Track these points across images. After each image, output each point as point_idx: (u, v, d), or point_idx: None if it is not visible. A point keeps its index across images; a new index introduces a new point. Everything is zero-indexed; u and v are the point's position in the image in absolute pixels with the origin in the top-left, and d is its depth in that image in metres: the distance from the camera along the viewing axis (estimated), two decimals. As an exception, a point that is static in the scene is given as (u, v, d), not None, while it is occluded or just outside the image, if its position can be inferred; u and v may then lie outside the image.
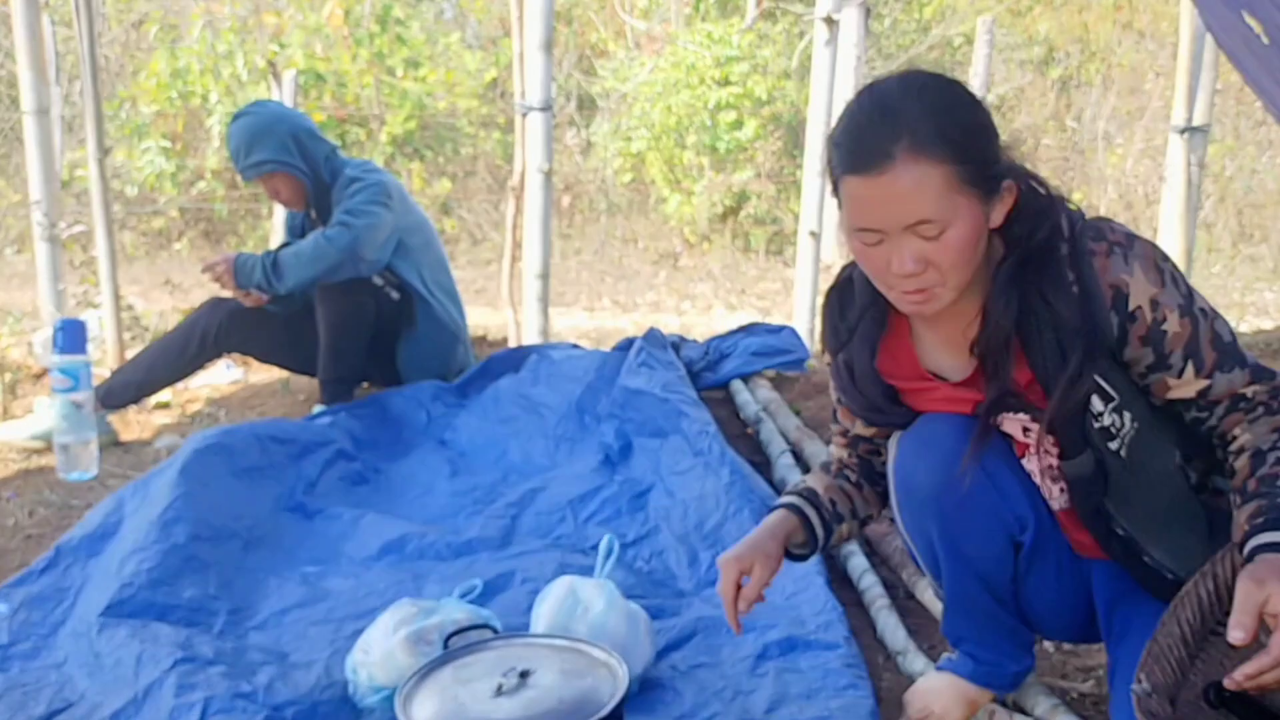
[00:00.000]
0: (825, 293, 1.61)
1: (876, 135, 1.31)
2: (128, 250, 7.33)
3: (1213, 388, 1.40)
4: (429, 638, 1.79)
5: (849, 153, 1.33)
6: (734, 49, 8.79)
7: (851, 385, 1.59)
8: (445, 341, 3.43)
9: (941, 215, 1.32)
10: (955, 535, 1.55)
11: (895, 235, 1.34)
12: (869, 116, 1.33)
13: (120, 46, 8.07)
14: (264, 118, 3.21)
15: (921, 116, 1.31)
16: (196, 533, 2.28)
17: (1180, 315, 1.37)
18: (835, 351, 1.60)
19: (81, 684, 1.87)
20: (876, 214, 1.33)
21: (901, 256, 1.35)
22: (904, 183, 1.30)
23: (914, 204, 1.31)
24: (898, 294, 1.40)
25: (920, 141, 1.30)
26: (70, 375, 2.94)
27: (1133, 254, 1.37)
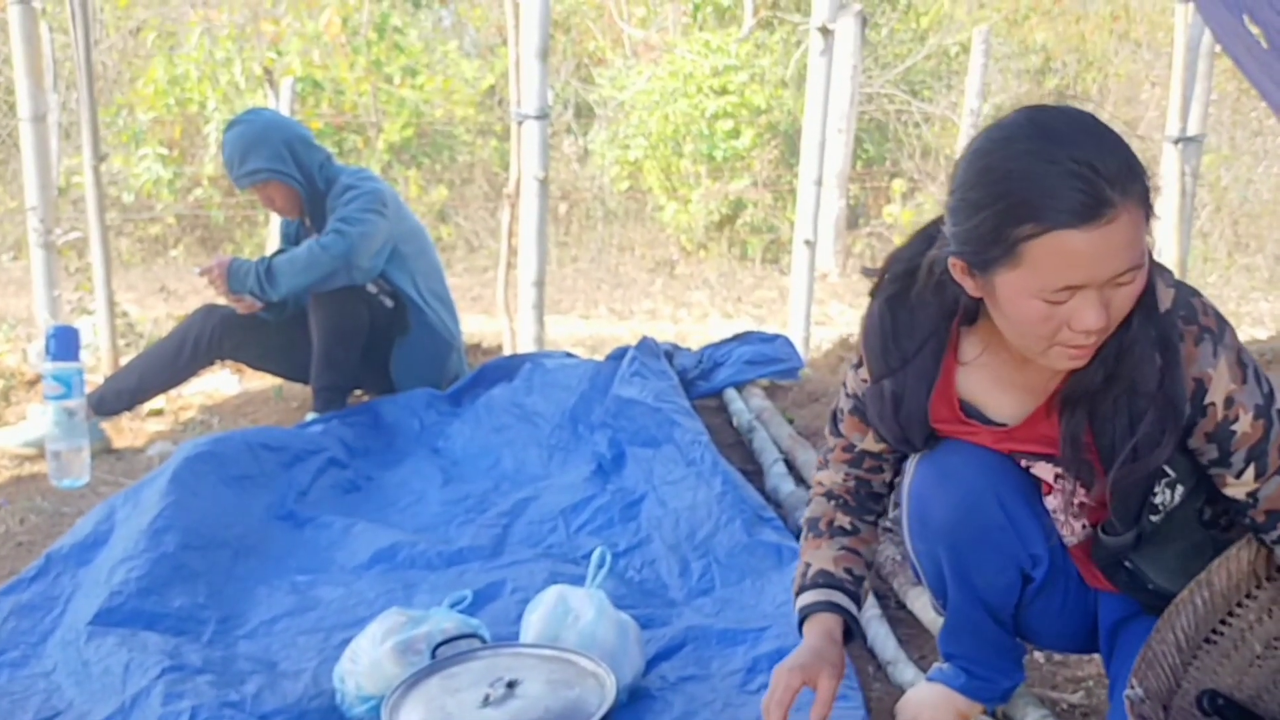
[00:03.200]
0: (878, 304, 1.47)
1: (1099, 175, 1.18)
2: (124, 257, 7.33)
3: (1261, 489, 1.37)
4: (417, 647, 1.78)
5: (1066, 201, 1.18)
6: (731, 58, 8.80)
7: (892, 417, 1.49)
8: (439, 349, 3.43)
9: (1144, 260, 1.24)
10: (966, 568, 1.54)
11: (1091, 290, 1.23)
12: (1079, 156, 1.19)
13: (118, 53, 8.08)
14: (258, 126, 3.21)
15: (1118, 153, 1.20)
16: (186, 541, 2.28)
17: (1255, 417, 1.33)
18: (882, 377, 1.48)
19: (69, 692, 1.86)
20: (1090, 268, 1.20)
21: (1095, 311, 1.23)
22: (1127, 230, 1.20)
23: (1130, 252, 1.21)
24: (1059, 350, 1.29)
25: (1132, 184, 1.20)
26: (63, 382, 2.94)
27: (1222, 345, 1.32)
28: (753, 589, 2.20)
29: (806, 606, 1.55)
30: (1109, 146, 1.21)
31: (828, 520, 1.62)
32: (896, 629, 2.04)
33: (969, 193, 1.27)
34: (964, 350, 1.46)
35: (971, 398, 1.48)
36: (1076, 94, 10.45)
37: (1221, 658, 1.35)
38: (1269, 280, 8.09)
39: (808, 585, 1.57)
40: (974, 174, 1.27)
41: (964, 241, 1.28)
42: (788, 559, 2.24)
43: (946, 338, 1.44)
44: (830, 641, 1.50)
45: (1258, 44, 2.02)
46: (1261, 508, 1.38)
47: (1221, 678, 1.35)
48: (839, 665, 1.47)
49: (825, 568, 1.57)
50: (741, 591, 2.21)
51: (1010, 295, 1.26)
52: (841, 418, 1.63)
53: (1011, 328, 1.31)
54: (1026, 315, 1.26)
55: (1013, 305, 1.27)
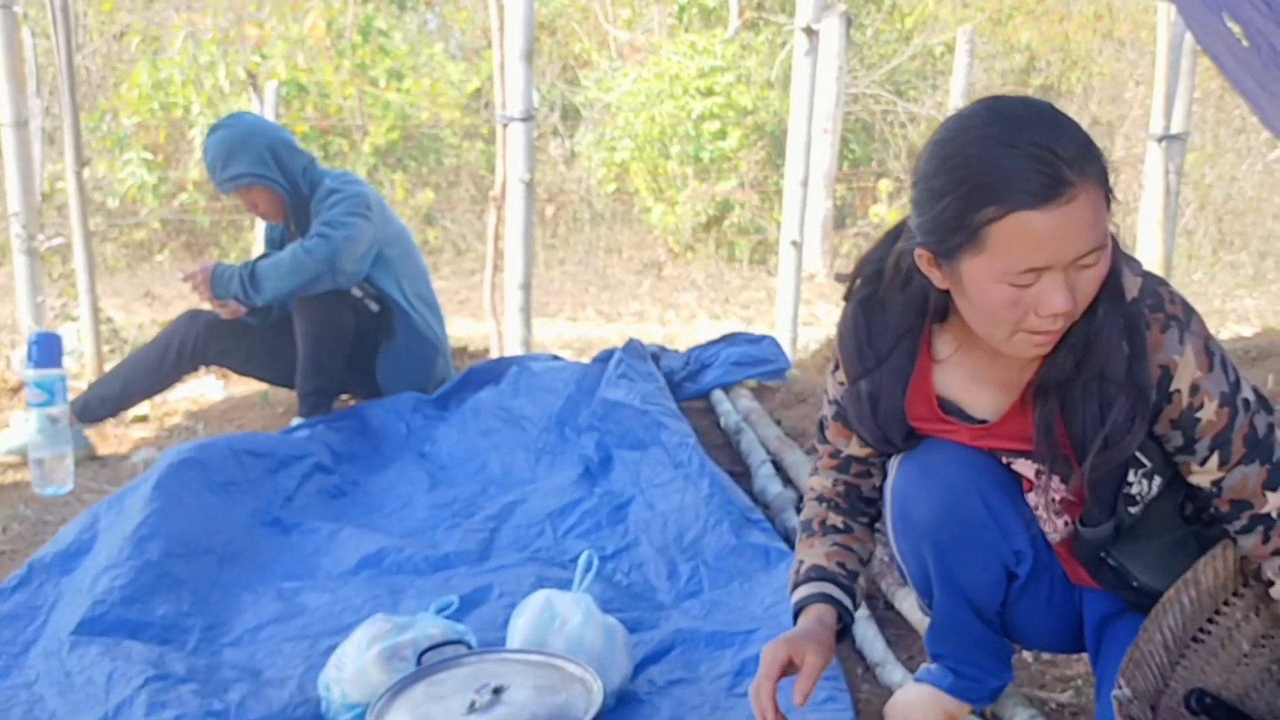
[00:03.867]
0: (851, 308, 1.49)
1: (1056, 157, 1.20)
2: (109, 262, 7.29)
3: (1225, 480, 1.36)
4: (403, 654, 1.77)
5: (1025, 183, 1.20)
6: (717, 59, 8.81)
7: (870, 417, 1.50)
8: (425, 353, 3.42)
9: (1106, 241, 1.25)
10: (951, 566, 1.54)
11: (1056, 272, 1.24)
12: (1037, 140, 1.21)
13: (102, 58, 8.04)
14: (240, 131, 3.20)
15: (1076, 137, 1.23)
16: (171, 549, 2.26)
17: (1220, 405, 1.33)
18: (858, 378, 1.48)
19: (52, 703, 1.85)
20: (1053, 249, 1.22)
21: (1061, 294, 1.24)
22: (1086, 210, 1.21)
23: (1092, 232, 1.23)
24: (1023, 337, 1.30)
25: (1092, 165, 1.22)
26: (45, 389, 2.92)
27: (1188, 332, 1.32)
28: (741, 591, 2.20)
29: (801, 600, 1.54)
30: (1065, 130, 1.23)
31: (820, 520, 1.62)
32: (885, 630, 2.04)
33: (931, 181, 1.28)
34: (938, 347, 1.47)
35: (949, 395, 1.48)
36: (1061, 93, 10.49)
37: (1209, 656, 1.35)
38: (1253, 277, 8.13)
39: (801, 580, 1.57)
40: (935, 162, 1.28)
41: (929, 231, 1.29)
42: (775, 561, 2.24)
43: (920, 335, 1.45)
44: (820, 625, 1.49)
45: (1238, 42, 2.02)
46: (1225, 497, 1.37)
47: (1209, 676, 1.35)
48: (827, 645, 1.47)
49: (818, 563, 1.57)
50: (729, 593, 2.20)
51: (976, 281, 1.27)
52: (826, 425, 1.64)
53: (978, 315, 1.32)
54: (993, 301, 1.27)
55: (979, 291, 1.28)
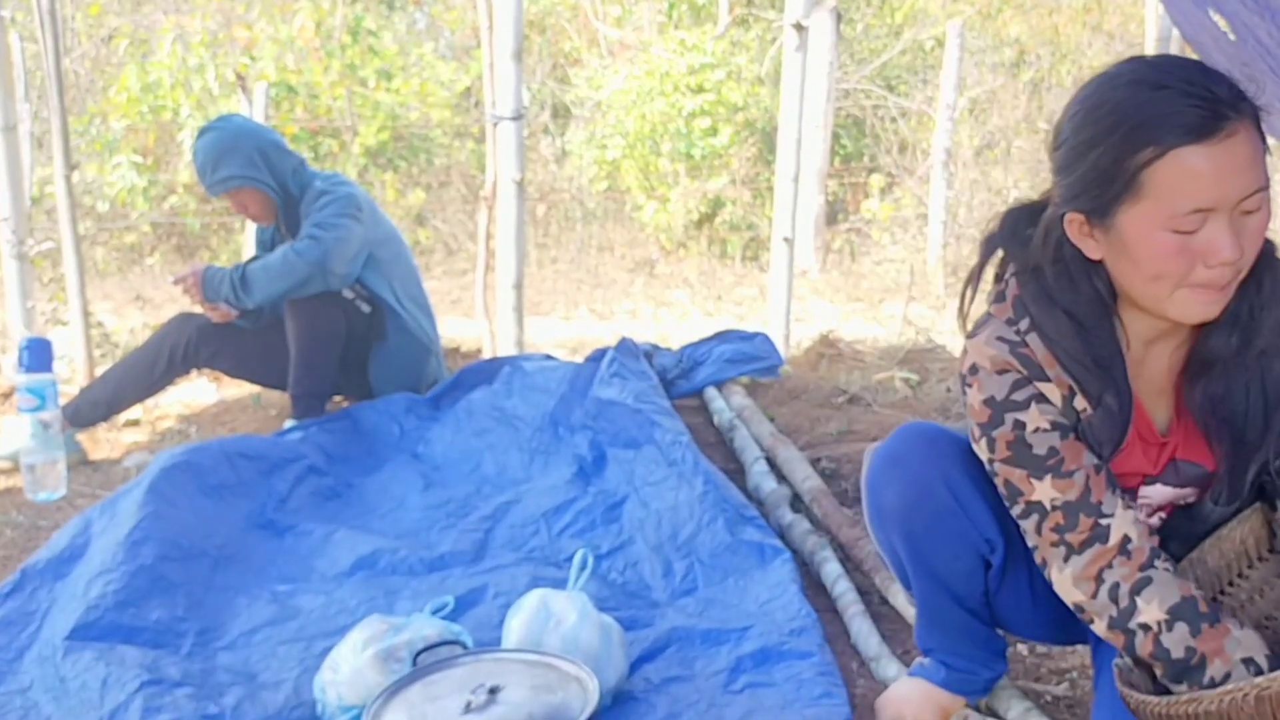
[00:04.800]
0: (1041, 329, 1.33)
1: (1212, 93, 1.16)
2: (99, 266, 7.27)
3: None
4: (398, 655, 1.77)
5: (1182, 118, 1.16)
6: (707, 56, 8.80)
7: (1121, 436, 1.35)
8: (417, 354, 3.41)
9: (1267, 183, 1.20)
10: (924, 554, 1.54)
11: (1221, 215, 1.18)
12: (1188, 77, 1.18)
13: (90, 62, 8.02)
14: (229, 133, 3.19)
15: (1226, 78, 1.19)
16: (164, 553, 2.25)
17: None
18: (1103, 391, 1.33)
19: (47, 709, 1.84)
20: (1215, 189, 1.17)
21: (1229, 239, 1.18)
22: (1246, 146, 1.18)
23: (1253, 170, 1.18)
24: (1188, 294, 1.23)
25: (1248, 106, 1.19)
26: (36, 394, 2.91)
27: None
28: (736, 588, 2.20)
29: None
30: (1215, 73, 1.20)
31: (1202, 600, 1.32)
32: (879, 625, 2.04)
33: (1079, 136, 1.24)
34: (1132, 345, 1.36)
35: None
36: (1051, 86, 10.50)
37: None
38: (1243, 269, 8.12)
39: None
40: (1081, 117, 1.24)
41: (1080, 189, 1.25)
42: (770, 557, 2.24)
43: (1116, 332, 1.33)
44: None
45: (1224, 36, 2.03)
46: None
47: None
48: None
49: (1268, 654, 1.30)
50: (725, 591, 2.20)
51: (1138, 233, 1.21)
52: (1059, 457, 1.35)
53: (1139, 274, 1.25)
54: (1157, 252, 1.21)
55: (1140, 244, 1.22)
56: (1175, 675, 1.29)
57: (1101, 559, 1.33)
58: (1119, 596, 1.32)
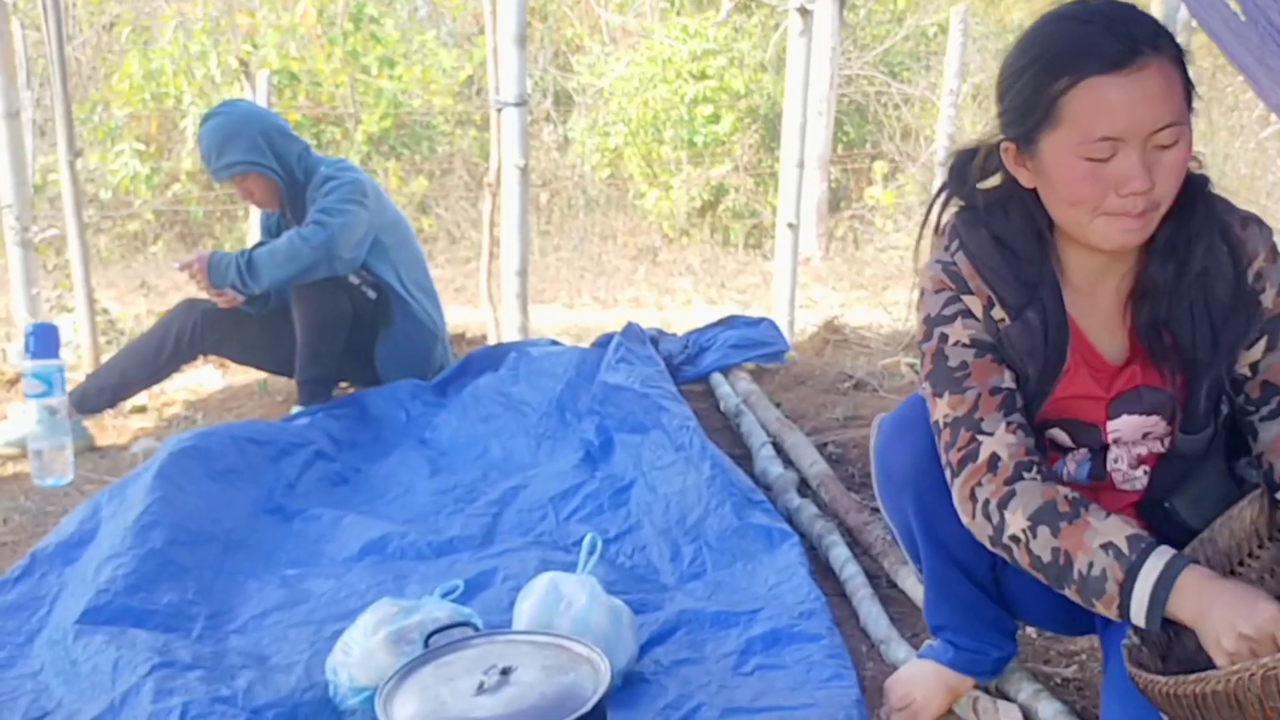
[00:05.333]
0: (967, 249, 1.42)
1: (1141, 28, 1.24)
2: (103, 254, 7.26)
3: (1263, 361, 1.38)
4: (410, 637, 1.77)
5: (1098, 49, 1.23)
6: (710, 42, 8.78)
7: (1043, 347, 1.40)
8: (423, 340, 3.41)
9: (1183, 120, 1.26)
10: (931, 519, 1.54)
11: (1132, 146, 1.24)
12: (1111, 15, 1.25)
13: (92, 49, 7.99)
14: (234, 118, 3.18)
15: (1151, 20, 1.26)
16: (174, 537, 2.26)
17: (1277, 294, 1.38)
18: (1022, 307, 1.39)
19: (58, 692, 1.84)
20: (1124, 118, 1.23)
21: (1138, 170, 1.25)
22: (1159, 81, 1.24)
23: (1166, 104, 1.24)
24: (1106, 221, 1.29)
25: (1165, 44, 1.25)
26: (44, 380, 2.91)
27: (1261, 226, 1.38)
28: (744, 572, 2.20)
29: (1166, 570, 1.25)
30: (1141, 14, 1.27)
31: (1063, 499, 1.33)
32: (888, 608, 2.05)
33: (1010, 66, 1.33)
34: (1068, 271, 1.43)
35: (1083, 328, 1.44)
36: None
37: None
38: (1248, 255, 8.12)
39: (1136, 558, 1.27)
40: (1015, 53, 1.34)
41: (1010, 118, 1.33)
42: (779, 541, 2.24)
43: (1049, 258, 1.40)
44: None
45: (1235, 17, 2.03)
46: (1259, 378, 1.40)
47: None
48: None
49: (1129, 533, 1.29)
50: (733, 574, 2.21)
51: (1055, 159, 1.29)
52: (967, 372, 1.40)
53: (1060, 200, 1.32)
54: (1071, 177, 1.28)
55: (1058, 170, 1.29)
56: (1055, 580, 1.32)
57: (973, 478, 1.38)
58: (990, 513, 1.36)
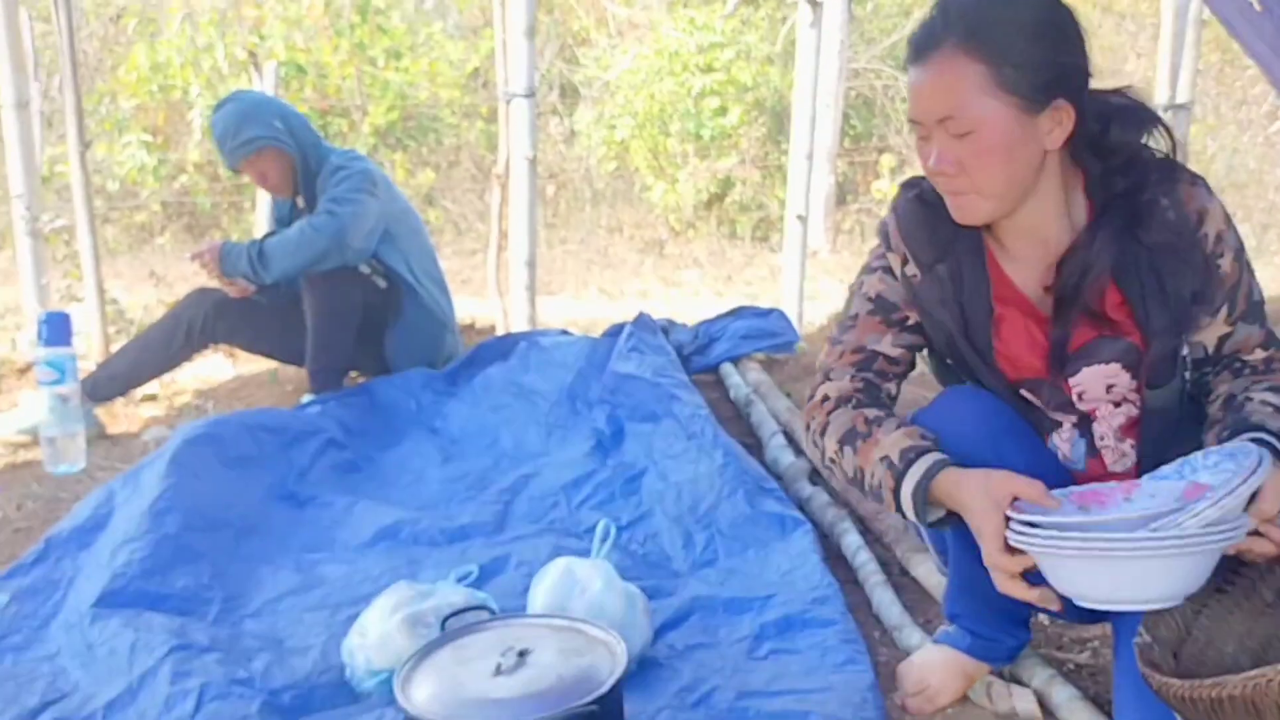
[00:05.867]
0: (904, 201, 1.55)
1: (928, 27, 1.36)
2: (110, 245, 7.27)
3: (1232, 335, 1.45)
4: (426, 620, 1.78)
5: (909, 40, 1.38)
6: (717, 35, 8.76)
7: (954, 297, 1.49)
8: (433, 330, 3.42)
9: (967, 115, 1.33)
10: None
11: (928, 130, 1.37)
12: (934, 11, 1.37)
13: (99, 40, 7.99)
14: (250, 101, 3.22)
15: (976, 11, 1.33)
16: (188, 522, 2.27)
17: (1234, 258, 1.42)
18: (935, 261, 1.50)
19: (75, 674, 1.86)
20: (915, 105, 1.37)
21: (928, 151, 1.38)
22: (936, 73, 1.34)
23: (941, 97, 1.34)
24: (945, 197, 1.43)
25: (964, 37, 1.32)
26: (56, 368, 2.92)
27: (1209, 189, 1.42)
28: (757, 559, 2.20)
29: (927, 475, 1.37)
30: (956, 6, 1.35)
31: (862, 419, 1.47)
32: (901, 595, 2.05)
33: None
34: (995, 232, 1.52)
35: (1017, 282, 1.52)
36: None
37: (1232, 606, 1.36)
38: (1255, 249, 8.12)
39: (903, 467, 1.39)
40: None
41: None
42: (791, 529, 2.25)
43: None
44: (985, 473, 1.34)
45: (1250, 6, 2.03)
46: (1226, 350, 1.46)
47: (1231, 626, 1.36)
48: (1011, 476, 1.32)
49: (905, 445, 1.41)
50: (745, 561, 2.21)
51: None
52: (853, 324, 1.57)
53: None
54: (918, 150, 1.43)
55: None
56: (862, 493, 1.48)
57: (809, 415, 1.56)
58: (816, 441, 1.54)
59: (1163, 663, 1.30)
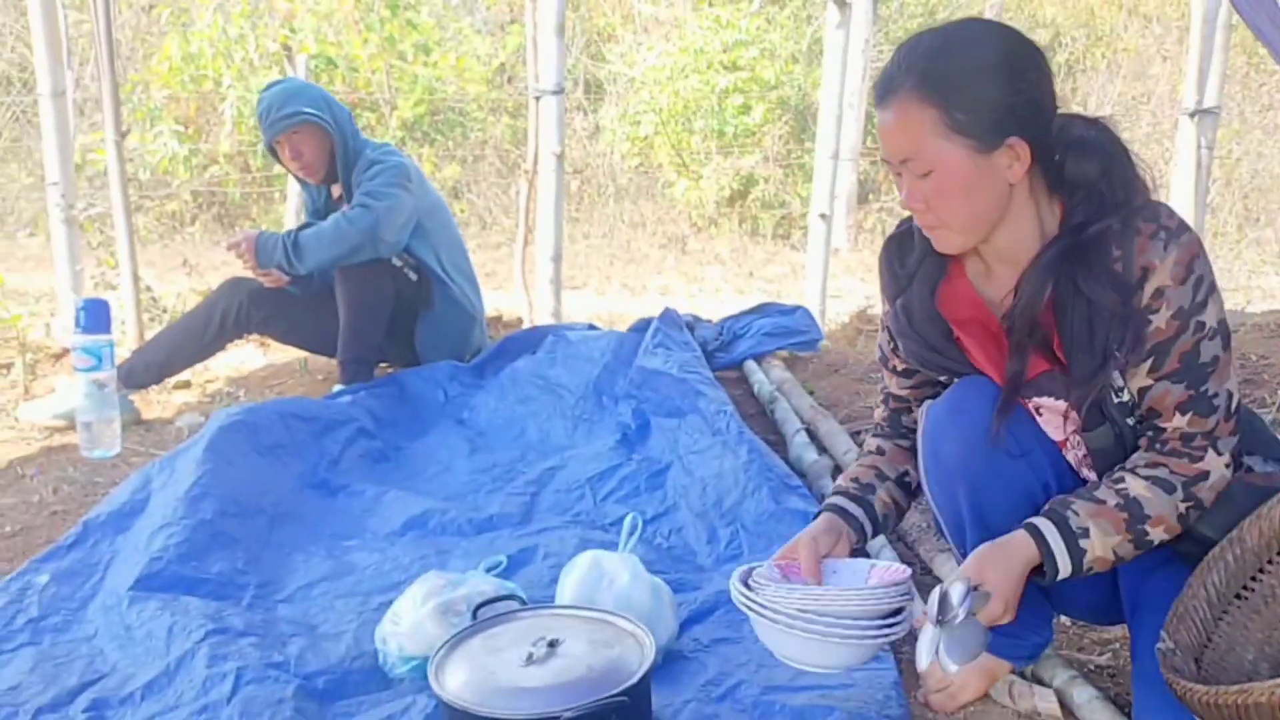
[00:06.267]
0: (884, 244, 1.65)
1: (887, 73, 1.42)
2: (141, 233, 7.35)
3: (1151, 389, 1.42)
4: (458, 608, 1.81)
5: (874, 84, 1.45)
6: (742, 33, 8.77)
7: (909, 328, 1.60)
8: (462, 322, 3.46)
9: (924, 156, 1.40)
10: (982, 501, 1.57)
11: (899, 169, 1.44)
12: (894, 57, 1.43)
13: (132, 30, 8.06)
14: (299, 83, 3.37)
15: (928, 58, 1.39)
16: (224, 508, 2.31)
17: (1173, 316, 1.38)
18: (894, 298, 1.62)
19: (113, 656, 1.90)
20: (882, 146, 1.45)
21: (901, 187, 1.45)
22: (894, 119, 1.41)
23: (900, 141, 1.41)
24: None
25: (917, 83, 1.39)
26: (93, 354, 2.97)
27: (1175, 242, 1.38)
28: (781, 555, 2.23)
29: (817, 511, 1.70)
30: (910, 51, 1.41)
31: (865, 448, 1.78)
32: (923, 594, 2.07)
33: None
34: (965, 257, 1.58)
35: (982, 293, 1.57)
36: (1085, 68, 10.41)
37: (1252, 613, 1.38)
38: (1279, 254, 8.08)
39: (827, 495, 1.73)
40: None
41: None
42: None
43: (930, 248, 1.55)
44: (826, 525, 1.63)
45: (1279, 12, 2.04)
46: (1145, 405, 1.45)
47: (1251, 632, 1.38)
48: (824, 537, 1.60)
49: (840, 481, 1.74)
50: (770, 557, 2.23)
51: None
52: (883, 367, 1.76)
53: None
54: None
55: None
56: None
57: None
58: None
59: (1185, 668, 1.33)
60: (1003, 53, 1.40)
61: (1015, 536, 1.44)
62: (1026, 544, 1.43)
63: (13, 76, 8.12)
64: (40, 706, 1.73)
